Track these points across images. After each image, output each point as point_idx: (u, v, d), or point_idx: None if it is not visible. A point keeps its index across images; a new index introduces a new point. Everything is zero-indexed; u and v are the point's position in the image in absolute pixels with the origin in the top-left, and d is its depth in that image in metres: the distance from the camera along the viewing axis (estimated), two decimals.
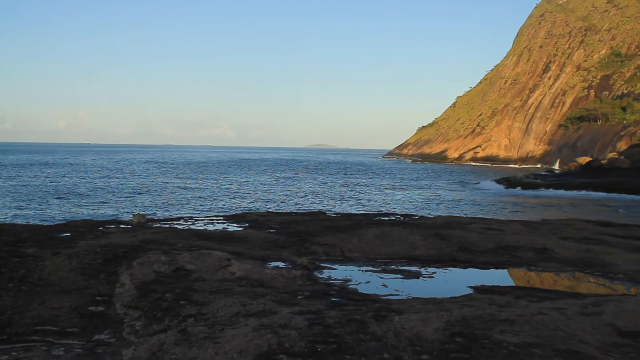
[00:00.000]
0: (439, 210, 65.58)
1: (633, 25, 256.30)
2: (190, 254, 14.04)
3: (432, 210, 66.59)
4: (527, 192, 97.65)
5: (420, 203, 76.31)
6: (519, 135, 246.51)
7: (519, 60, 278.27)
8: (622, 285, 13.38)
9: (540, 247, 17.24)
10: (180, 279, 12.43)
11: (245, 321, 9.28)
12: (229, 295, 10.93)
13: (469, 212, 65.31)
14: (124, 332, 9.90)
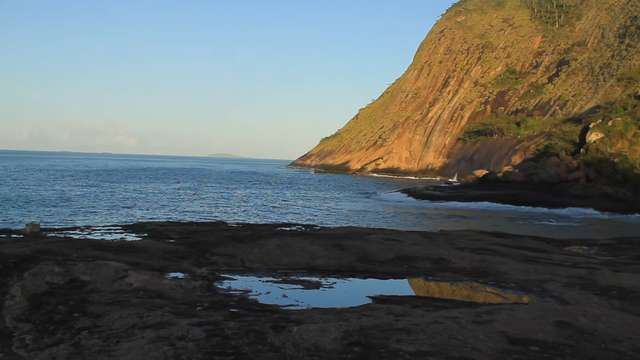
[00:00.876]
0: (340, 221, 66.14)
1: (527, 44, 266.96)
2: (86, 264, 13.64)
3: (333, 220, 67.11)
4: (427, 204, 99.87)
5: (322, 213, 76.79)
6: (420, 148, 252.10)
7: (420, 74, 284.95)
8: (514, 294, 13.80)
9: (437, 257, 17.62)
10: (75, 290, 12.05)
11: (141, 333, 9.07)
12: (125, 307, 10.67)
13: (370, 222, 66.17)
14: (13, 347, 9.48)
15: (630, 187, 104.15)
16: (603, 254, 23.05)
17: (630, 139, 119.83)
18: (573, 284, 14.09)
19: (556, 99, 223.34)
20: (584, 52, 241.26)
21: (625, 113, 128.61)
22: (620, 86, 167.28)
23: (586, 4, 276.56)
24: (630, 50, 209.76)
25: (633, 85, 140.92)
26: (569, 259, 19.21)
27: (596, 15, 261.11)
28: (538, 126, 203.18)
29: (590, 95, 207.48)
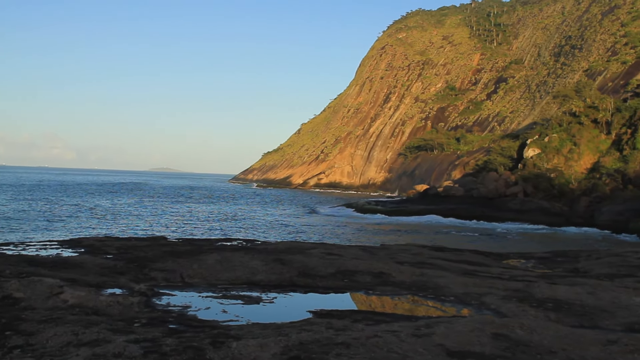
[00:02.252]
0: (282, 236, 66.05)
1: (466, 62, 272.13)
2: (19, 281, 13.26)
3: (275, 235, 66.96)
4: (369, 218, 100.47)
5: (264, 228, 76.56)
6: (361, 163, 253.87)
7: (361, 90, 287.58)
8: (453, 307, 13.93)
9: (377, 271, 17.69)
10: (7, 307, 11.69)
11: (76, 351, 8.84)
12: (60, 324, 10.39)
13: (312, 237, 66.21)
14: None
15: (566, 201, 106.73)
16: (540, 267, 23.47)
17: (565, 155, 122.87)
18: (510, 296, 14.30)
19: (495, 115, 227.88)
20: (521, 69, 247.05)
21: (560, 129, 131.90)
22: (556, 103, 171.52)
23: (523, 23, 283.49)
24: (565, 68, 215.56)
25: (568, 102, 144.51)
26: (507, 272, 19.50)
27: (532, 34, 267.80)
28: (477, 142, 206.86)
29: (527, 112, 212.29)
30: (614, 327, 11.40)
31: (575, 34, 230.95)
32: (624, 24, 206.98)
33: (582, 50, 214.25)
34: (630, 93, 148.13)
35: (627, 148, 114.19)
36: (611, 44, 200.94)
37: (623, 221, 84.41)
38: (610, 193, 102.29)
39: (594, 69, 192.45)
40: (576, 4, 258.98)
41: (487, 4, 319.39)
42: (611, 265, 21.72)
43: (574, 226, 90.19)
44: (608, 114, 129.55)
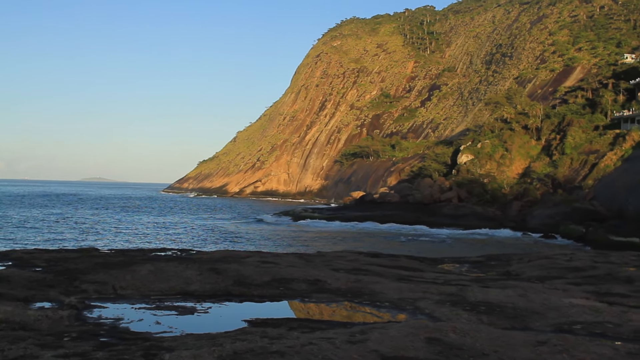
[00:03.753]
0: (217, 245, 65.54)
1: (400, 69, 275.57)
2: None
3: (211, 244, 66.41)
4: (305, 225, 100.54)
5: (199, 237, 75.87)
6: (298, 170, 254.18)
7: (297, 97, 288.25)
8: (388, 312, 13.98)
9: (313, 278, 17.65)
10: None
11: None
12: None
13: (247, 245, 65.90)
14: None
15: (499, 206, 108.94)
16: (473, 270, 23.80)
17: (498, 161, 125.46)
18: (444, 300, 14.45)
19: (429, 122, 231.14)
20: (454, 77, 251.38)
21: (492, 136, 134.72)
22: (488, 110, 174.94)
23: (455, 32, 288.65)
24: (497, 76, 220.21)
25: (499, 109, 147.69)
26: (441, 277, 19.72)
27: (464, 42, 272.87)
28: (412, 148, 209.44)
29: (460, 119, 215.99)
30: (544, 328, 11.62)
31: (506, 42, 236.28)
32: (551, 32, 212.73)
33: (513, 58, 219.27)
34: (559, 100, 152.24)
35: (557, 153, 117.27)
36: (540, 52, 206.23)
37: (553, 224, 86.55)
38: (541, 197, 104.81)
39: (524, 76, 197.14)
40: (506, 13, 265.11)
41: (420, 12, 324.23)
42: (542, 268, 22.19)
43: (507, 230, 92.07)
44: (538, 120, 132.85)
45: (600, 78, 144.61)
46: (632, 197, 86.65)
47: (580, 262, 22.98)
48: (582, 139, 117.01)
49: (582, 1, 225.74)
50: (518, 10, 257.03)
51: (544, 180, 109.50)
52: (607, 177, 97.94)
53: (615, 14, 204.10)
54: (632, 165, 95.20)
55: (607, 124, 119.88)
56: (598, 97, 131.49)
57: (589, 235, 76.90)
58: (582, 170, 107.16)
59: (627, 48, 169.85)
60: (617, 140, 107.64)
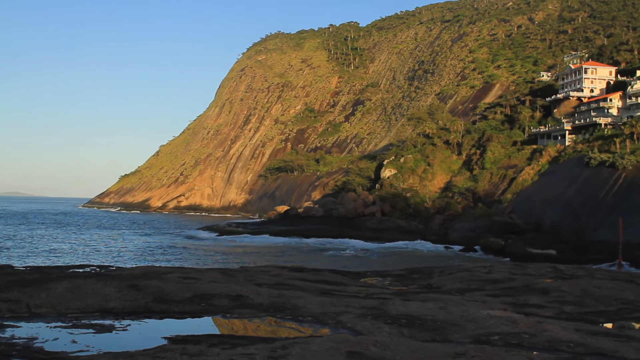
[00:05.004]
0: (139, 260, 64.33)
1: (324, 84, 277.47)
2: None
3: (132, 260, 65.15)
4: (230, 240, 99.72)
5: (121, 253, 74.34)
6: (222, 185, 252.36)
7: (221, 111, 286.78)
8: (310, 327, 13.94)
9: (235, 294, 17.48)
10: None
11: None
12: None
13: (170, 261, 64.93)
14: None
15: (421, 219, 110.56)
16: (396, 284, 24.01)
17: (420, 175, 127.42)
18: (366, 314, 14.51)
19: (352, 136, 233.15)
20: (377, 92, 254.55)
21: (415, 150, 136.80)
22: (410, 125, 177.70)
23: (378, 48, 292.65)
24: (419, 92, 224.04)
25: (422, 124, 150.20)
26: (364, 291, 19.82)
27: (388, 58, 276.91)
28: (336, 163, 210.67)
29: (383, 134, 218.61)
30: (463, 340, 11.78)
31: (428, 59, 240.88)
32: (471, 50, 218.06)
33: (434, 75, 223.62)
34: (479, 116, 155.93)
35: (477, 168, 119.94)
36: (460, 69, 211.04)
37: (474, 237, 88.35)
38: (462, 211, 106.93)
39: (446, 92, 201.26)
40: (428, 30, 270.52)
41: (344, 28, 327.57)
42: (462, 280, 22.55)
43: (430, 243, 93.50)
44: (459, 135, 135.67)
45: (518, 95, 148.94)
46: (549, 211, 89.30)
47: (498, 274, 23.47)
48: (501, 154, 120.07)
49: (501, 20, 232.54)
50: (439, 28, 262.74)
51: (464, 194, 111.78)
52: (525, 191, 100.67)
53: (532, 33, 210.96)
54: (549, 180, 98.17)
55: (525, 139, 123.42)
56: (516, 114, 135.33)
57: (508, 247, 78.77)
58: (501, 184, 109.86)
59: (543, 66, 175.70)
60: (534, 155, 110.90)
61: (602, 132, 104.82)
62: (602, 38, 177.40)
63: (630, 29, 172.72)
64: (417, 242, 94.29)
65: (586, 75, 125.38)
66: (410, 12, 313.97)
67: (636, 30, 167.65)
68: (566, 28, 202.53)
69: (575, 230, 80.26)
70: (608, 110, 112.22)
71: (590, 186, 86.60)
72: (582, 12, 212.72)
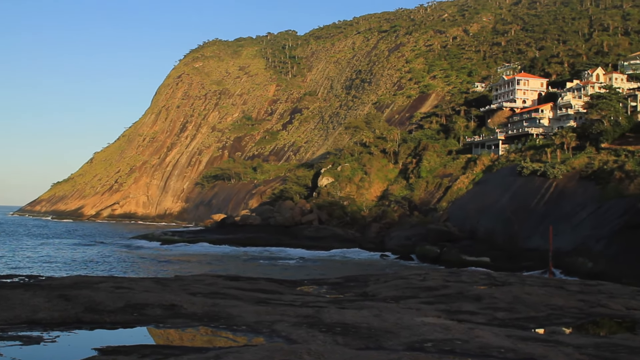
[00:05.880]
0: (71, 270, 62.94)
1: (262, 92, 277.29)
2: None
3: (63, 269, 63.72)
4: (165, 249, 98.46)
5: (52, 262, 72.62)
6: (157, 193, 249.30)
7: (157, 118, 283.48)
8: (245, 336, 13.79)
9: (169, 303, 17.19)
10: None
11: None
12: None
13: (103, 270, 63.75)
14: None
15: (358, 227, 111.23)
16: (332, 292, 24.02)
17: (357, 183, 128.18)
18: (301, 323, 14.43)
19: (290, 145, 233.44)
20: (315, 101, 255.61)
21: (352, 159, 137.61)
22: (348, 134, 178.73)
23: (316, 57, 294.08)
24: (356, 101, 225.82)
25: (359, 133, 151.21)
26: (299, 299, 19.75)
27: (325, 67, 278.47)
28: (273, 171, 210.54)
29: (321, 142, 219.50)
30: (397, 347, 11.81)
31: (365, 68, 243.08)
32: (408, 60, 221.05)
33: (371, 84, 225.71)
34: (415, 125, 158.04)
35: (413, 176, 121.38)
36: (397, 79, 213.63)
37: (410, 245, 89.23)
38: (398, 219, 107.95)
39: (382, 101, 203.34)
40: (365, 40, 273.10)
41: (282, 37, 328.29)
42: (397, 288, 22.68)
43: (366, 251, 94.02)
44: (395, 144, 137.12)
45: (453, 105, 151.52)
46: (483, 219, 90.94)
47: (433, 281, 23.70)
48: (437, 163, 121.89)
49: (437, 32, 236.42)
50: (377, 38, 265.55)
51: (401, 203, 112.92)
52: (460, 200, 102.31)
53: (467, 44, 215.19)
54: (483, 188, 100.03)
55: (460, 148, 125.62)
56: (451, 123, 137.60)
57: (443, 255, 79.77)
58: (436, 192, 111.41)
59: (477, 77, 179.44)
60: (468, 164, 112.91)
61: (534, 142, 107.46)
62: (533, 50, 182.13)
63: (560, 42, 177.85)
64: (354, 250, 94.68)
65: (519, 86, 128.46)
66: (347, 22, 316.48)
67: (566, 44, 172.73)
68: (500, 40, 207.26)
69: (509, 237, 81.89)
70: (539, 121, 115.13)
71: (522, 195, 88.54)
72: (515, 25, 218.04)
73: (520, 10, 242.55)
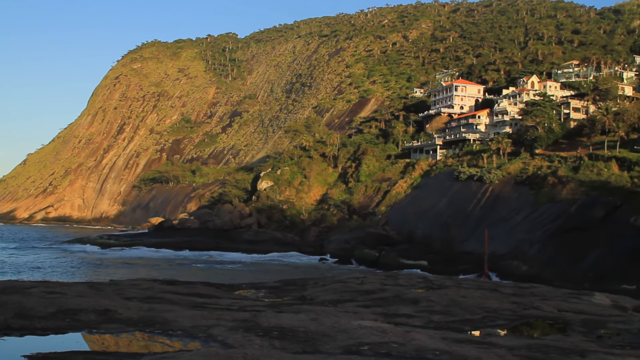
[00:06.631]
0: (1, 275, 61.24)
1: (202, 95, 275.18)
2: None
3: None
4: (101, 252, 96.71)
5: None
6: (93, 196, 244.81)
7: (94, 120, 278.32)
8: (180, 341, 13.59)
9: (103, 308, 16.83)
10: None
11: None
12: None
13: (35, 275, 62.22)
14: None
15: (297, 231, 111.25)
16: (270, 296, 23.91)
17: (297, 187, 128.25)
18: (238, 327, 14.28)
19: (229, 148, 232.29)
20: (255, 104, 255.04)
21: (292, 163, 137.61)
22: (288, 137, 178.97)
23: (257, 60, 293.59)
24: (296, 104, 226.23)
25: (299, 137, 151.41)
26: (237, 303, 19.58)
27: (266, 70, 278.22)
28: (213, 174, 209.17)
29: (261, 146, 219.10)
30: (333, 351, 11.78)
31: (305, 72, 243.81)
32: (348, 65, 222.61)
33: (312, 88, 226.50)
34: (355, 129, 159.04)
35: (352, 180, 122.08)
36: (337, 83, 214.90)
37: (349, 249, 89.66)
38: (337, 223, 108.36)
39: (322, 106, 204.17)
40: (306, 44, 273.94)
41: (222, 39, 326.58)
42: (335, 292, 22.71)
43: (306, 255, 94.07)
44: (335, 148, 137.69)
45: (392, 110, 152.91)
46: (421, 223, 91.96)
47: (371, 285, 23.80)
48: (376, 167, 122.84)
49: (377, 37, 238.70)
50: (317, 42, 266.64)
51: (340, 207, 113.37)
52: (398, 204, 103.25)
53: (406, 50, 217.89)
54: (421, 193, 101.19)
55: (399, 153, 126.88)
56: (390, 128, 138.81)
57: (382, 259, 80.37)
58: (375, 196, 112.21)
59: (416, 83, 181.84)
60: (407, 169, 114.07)
61: (471, 148, 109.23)
62: (471, 57, 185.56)
63: (497, 50, 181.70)
64: (293, 254, 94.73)
65: (456, 92, 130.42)
66: (288, 26, 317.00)
67: (503, 52, 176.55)
68: (438, 47, 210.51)
69: (446, 241, 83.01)
70: (476, 127, 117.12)
71: (459, 199, 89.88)
72: (453, 32, 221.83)
73: (458, 17, 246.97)
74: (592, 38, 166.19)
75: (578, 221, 66.42)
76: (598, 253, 60.03)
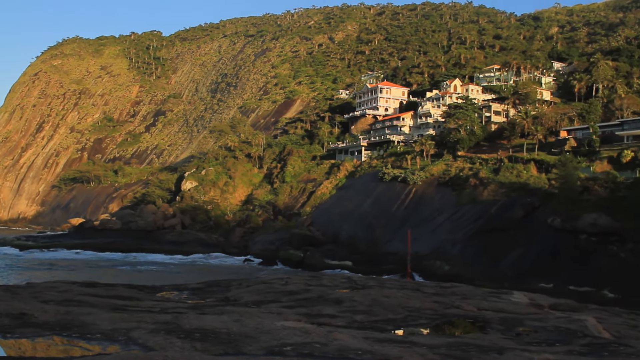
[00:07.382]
0: None
1: (125, 93, 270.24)
2: None
3: None
4: (17, 255, 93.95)
5: None
6: (10, 196, 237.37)
7: (11, 117, 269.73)
8: (99, 344, 13.26)
9: (18, 312, 16.30)
10: None
11: None
12: None
13: None
14: None
15: (222, 232, 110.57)
16: (193, 297, 23.62)
17: (221, 188, 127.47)
18: (159, 329, 14.03)
19: (153, 147, 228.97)
20: (180, 104, 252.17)
21: (217, 163, 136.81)
22: (213, 138, 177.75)
23: (181, 59, 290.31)
24: (221, 104, 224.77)
25: (224, 137, 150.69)
26: (158, 305, 19.26)
27: (191, 69, 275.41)
28: (135, 174, 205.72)
29: (185, 146, 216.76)
30: (256, 352, 11.71)
31: (231, 72, 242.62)
32: (274, 65, 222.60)
33: (237, 88, 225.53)
34: (280, 130, 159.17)
35: (277, 181, 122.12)
36: (263, 84, 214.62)
37: (274, 250, 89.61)
38: (262, 224, 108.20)
39: (248, 106, 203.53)
40: (232, 44, 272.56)
41: (146, 37, 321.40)
42: (259, 293, 22.61)
43: (230, 256, 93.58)
44: (260, 149, 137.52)
45: (318, 111, 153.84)
46: (346, 223, 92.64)
47: (295, 285, 23.79)
48: (301, 168, 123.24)
49: (303, 38, 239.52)
50: (243, 42, 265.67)
51: (265, 207, 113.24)
52: (323, 205, 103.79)
53: (332, 52, 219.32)
54: (346, 194, 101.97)
55: (324, 154, 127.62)
56: (316, 129, 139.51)
57: (307, 259, 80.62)
58: (301, 197, 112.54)
59: (342, 84, 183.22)
60: (332, 169, 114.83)
61: (395, 149, 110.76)
62: (396, 60, 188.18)
63: (421, 53, 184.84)
64: (217, 255, 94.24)
65: (381, 94, 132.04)
66: (214, 25, 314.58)
67: (427, 55, 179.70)
68: (364, 49, 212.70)
69: (370, 242, 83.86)
70: (401, 129, 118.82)
71: (383, 200, 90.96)
72: (379, 34, 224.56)
73: (383, 20, 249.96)
74: (512, 43, 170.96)
75: (498, 222, 68.13)
76: (517, 253, 61.72)
